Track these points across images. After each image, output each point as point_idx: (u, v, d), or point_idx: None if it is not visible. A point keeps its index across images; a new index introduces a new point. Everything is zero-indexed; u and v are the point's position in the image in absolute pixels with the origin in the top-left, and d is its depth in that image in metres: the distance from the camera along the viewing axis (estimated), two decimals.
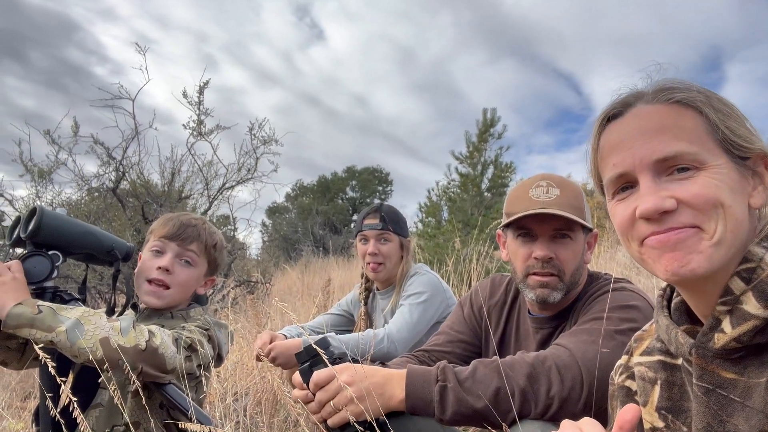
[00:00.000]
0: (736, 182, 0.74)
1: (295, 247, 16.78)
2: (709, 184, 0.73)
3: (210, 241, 1.74)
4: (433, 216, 7.87)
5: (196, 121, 6.82)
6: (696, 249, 0.72)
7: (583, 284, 1.53)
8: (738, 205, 0.73)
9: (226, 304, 6.02)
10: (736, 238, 0.72)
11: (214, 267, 1.77)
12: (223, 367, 3.09)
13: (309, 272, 9.45)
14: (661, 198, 0.73)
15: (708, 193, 0.72)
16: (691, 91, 0.78)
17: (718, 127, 0.75)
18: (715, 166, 0.74)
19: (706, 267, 0.71)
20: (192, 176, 7.39)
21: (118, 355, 1.29)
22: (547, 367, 1.18)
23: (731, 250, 0.72)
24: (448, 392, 1.17)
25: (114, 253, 1.58)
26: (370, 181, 23.01)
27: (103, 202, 6.69)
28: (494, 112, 7.45)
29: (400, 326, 2.24)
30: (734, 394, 0.71)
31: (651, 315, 1.31)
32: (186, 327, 1.57)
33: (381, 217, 2.46)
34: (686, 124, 0.76)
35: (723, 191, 0.72)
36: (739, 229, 0.73)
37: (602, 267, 5.98)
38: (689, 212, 0.73)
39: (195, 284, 1.72)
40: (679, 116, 0.77)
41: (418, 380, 1.20)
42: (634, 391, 0.94)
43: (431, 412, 1.17)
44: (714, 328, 0.73)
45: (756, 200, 0.76)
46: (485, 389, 1.16)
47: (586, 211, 1.47)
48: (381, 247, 2.45)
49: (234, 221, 7.87)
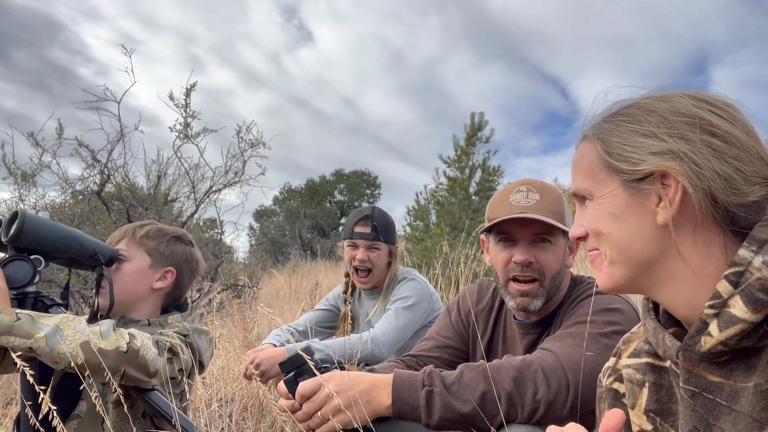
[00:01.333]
0: (622, 208, 0.80)
1: (282, 251, 16.71)
2: (592, 215, 0.84)
3: (138, 232, 1.68)
4: (421, 219, 7.88)
5: (182, 123, 6.77)
6: (600, 268, 0.85)
7: (566, 289, 1.53)
8: (620, 231, 0.81)
9: (212, 309, 5.97)
10: (630, 258, 0.80)
11: (159, 256, 1.68)
12: (209, 373, 3.06)
13: (296, 276, 9.41)
14: (576, 227, 0.89)
15: (590, 224, 0.85)
16: (594, 122, 0.87)
17: (602, 157, 0.82)
18: (600, 196, 0.83)
19: (609, 284, 0.84)
20: (178, 179, 7.33)
21: (98, 358, 1.27)
22: (533, 371, 1.18)
23: (631, 268, 0.81)
24: (435, 397, 1.16)
25: (97, 257, 1.55)
26: (358, 184, 23.00)
27: (87, 205, 6.61)
28: (482, 116, 7.50)
29: (386, 330, 2.24)
30: (721, 397, 0.72)
31: (634, 317, 1.32)
32: (163, 333, 1.54)
33: (373, 226, 2.44)
34: (585, 160, 0.86)
35: (601, 221, 0.83)
36: (629, 250, 0.80)
37: (584, 272, 6.01)
38: (590, 238, 0.86)
39: (140, 278, 1.64)
40: (583, 153, 0.87)
41: (405, 385, 1.19)
42: (621, 393, 0.94)
43: (418, 418, 1.17)
44: (701, 331, 0.73)
45: (659, 217, 0.77)
46: (472, 393, 1.16)
47: (566, 215, 1.47)
48: (370, 254, 2.44)
49: (221, 225, 7.82)
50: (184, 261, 1.74)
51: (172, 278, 1.70)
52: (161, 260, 1.69)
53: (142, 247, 1.67)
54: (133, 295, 1.63)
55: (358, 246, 2.44)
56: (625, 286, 0.84)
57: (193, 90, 6.73)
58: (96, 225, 6.39)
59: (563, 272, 1.49)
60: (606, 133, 0.83)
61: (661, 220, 0.77)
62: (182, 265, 1.73)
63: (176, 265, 1.71)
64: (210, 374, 3.06)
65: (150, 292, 1.67)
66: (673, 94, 0.81)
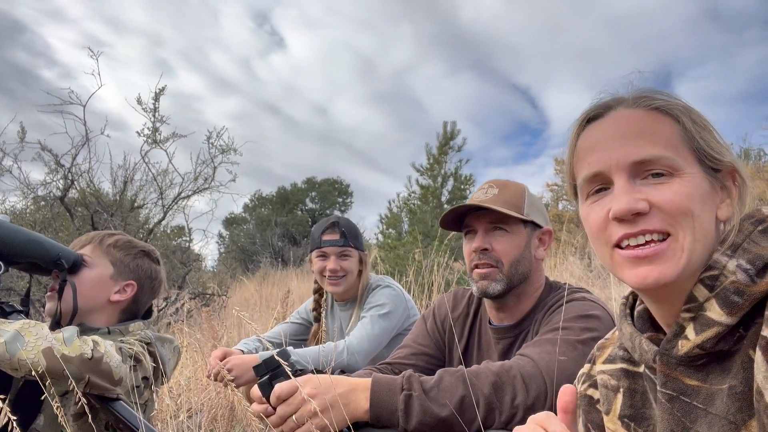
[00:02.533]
0: (707, 192, 0.76)
1: (252, 259, 16.48)
2: (681, 191, 0.74)
3: (107, 241, 1.62)
4: (393, 227, 7.89)
5: (150, 128, 6.63)
6: (668, 260, 0.73)
7: (540, 291, 1.55)
8: (706, 216, 0.75)
9: (181, 317, 5.83)
10: (703, 248, 0.74)
11: (123, 268, 1.63)
12: (176, 383, 2.98)
13: (267, 284, 9.29)
14: (635, 199, 0.74)
15: (680, 200, 0.74)
16: (671, 100, 0.80)
17: (693, 137, 0.77)
18: (689, 174, 0.75)
19: (671, 276, 0.73)
20: (146, 185, 7.18)
21: (62, 365, 1.21)
22: (512, 377, 1.18)
23: (698, 259, 0.73)
24: (414, 401, 1.16)
25: (60, 262, 1.49)
26: (330, 192, 22.89)
27: (50, 211, 6.40)
28: (454, 125, 7.56)
29: (361, 338, 2.21)
30: (697, 400, 0.72)
31: (610, 324, 1.33)
32: (124, 341, 1.49)
33: (341, 232, 2.40)
34: (664, 131, 0.77)
35: (694, 200, 0.74)
36: (707, 239, 0.74)
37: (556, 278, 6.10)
38: (660, 216, 0.74)
39: (99, 287, 1.58)
40: (657, 122, 0.78)
41: (383, 389, 1.18)
42: (596, 399, 0.95)
43: (396, 422, 1.16)
44: (678, 335, 0.74)
45: (723, 213, 0.78)
46: (450, 398, 1.15)
47: (526, 206, 1.51)
48: (342, 263, 2.40)
49: (189, 232, 7.67)
50: (147, 277, 1.69)
51: (131, 292, 1.63)
52: (124, 272, 1.63)
53: (107, 256, 1.61)
54: (89, 304, 1.56)
55: (329, 255, 2.40)
56: (680, 281, 0.74)
57: (162, 94, 6.62)
58: (58, 232, 6.19)
59: (527, 262, 1.52)
60: (687, 113, 0.79)
61: (725, 215, 0.77)
62: (144, 282, 1.68)
63: (138, 280, 1.66)
64: (177, 384, 2.98)
65: (106, 303, 1.60)
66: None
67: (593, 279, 5.46)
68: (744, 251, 0.71)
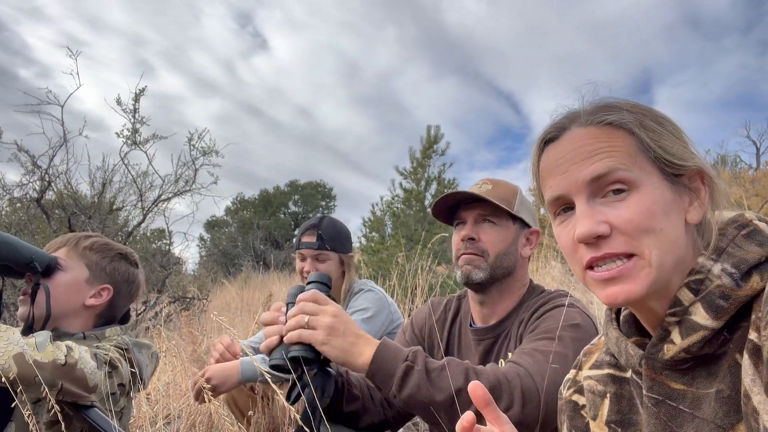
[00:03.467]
0: (669, 202, 0.75)
1: (234, 262, 16.34)
2: (641, 208, 0.73)
3: (83, 243, 1.58)
4: (377, 231, 7.87)
5: (130, 129, 6.54)
6: (635, 278, 0.72)
7: (523, 290, 1.56)
8: (671, 226, 0.73)
9: (159, 321, 5.74)
10: (674, 259, 0.73)
11: (99, 271, 1.59)
12: (154, 389, 2.92)
13: (249, 288, 9.20)
14: (596, 223, 0.73)
15: (639, 219, 0.72)
16: (622, 112, 0.79)
17: (650, 146, 0.76)
18: (648, 185, 0.74)
19: (639, 293, 0.72)
20: (125, 187, 7.09)
21: (34, 371, 1.17)
22: (512, 387, 1.18)
23: (669, 270, 0.73)
24: (413, 374, 1.18)
25: (33, 265, 1.45)
26: (313, 195, 22.82)
27: (26, 213, 6.27)
28: (438, 129, 7.58)
29: None
30: (684, 405, 0.72)
31: (594, 333, 1.33)
32: (100, 346, 1.45)
33: (318, 235, 2.38)
34: (618, 145, 0.76)
35: (655, 215, 0.73)
36: (676, 249, 0.73)
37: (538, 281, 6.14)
38: (622, 239, 0.73)
39: (74, 291, 1.54)
40: (610, 137, 0.77)
41: (389, 353, 1.21)
42: (581, 405, 0.94)
43: (389, 387, 1.19)
44: (663, 339, 0.73)
45: (692, 216, 0.77)
46: (448, 386, 1.16)
47: (516, 204, 1.54)
48: (319, 265, 2.38)
49: (170, 235, 7.58)
50: (124, 281, 1.64)
51: (107, 297, 1.59)
52: (100, 276, 1.58)
53: (83, 259, 1.57)
54: (63, 309, 1.51)
55: (306, 257, 2.39)
56: (651, 293, 0.73)
57: (142, 95, 6.54)
58: (35, 234, 6.06)
59: (512, 257, 1.53)
60: (639, 123, 0.78)
61: (695, 218, 0.76)
62: (121, 285, 1.63)
63: (114, 284, 1.61)
64: (155, 390, 2.92)
65: (81, 308, 1.55)
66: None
67: (575, 283, 5.51)
68: (728, 255, 0.72)
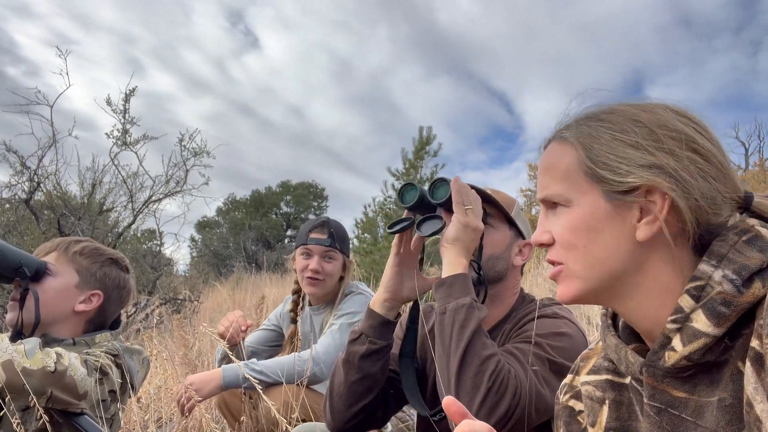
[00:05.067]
0: (601, 220, 0.76)
1: (226, 263, 16.26)
2: (567, 225, 0.78)
3: (73, 248, 1.56)
4: (369, 232, 7.86)
5: (120, 129, 6.49)
6: (565, 284, 0.81)
7: (514, 299, 1.54)
8: (597, 245, 0.77)
9: (150, 324, 5.70)
10: (602, 273, 0.77)
11: (89, 276, 1.56)
12: (145, 393, 2.89)
13: (240, 289, 9.15)
14: (541, 232, 0.82)
15: (565, 234, 0.79)
16: (576, 126, 0.82)
17: (585, 164, 0.78)
18: (579, 204, 0.78)
19: (569, 296, 0.80)
20: (115, 188, 7.03)
21: (22, 379, 1.15)
22: (507, 379, 1.16)
23: (600, 282, 0.78)
24: (465, 310, 1.21)
25: (22, 270, 1.42)
26: (305, 196, 22.76)
27: (14, 214, 6.20)
28: (430, 130, 7.61)
29: (327, 347, 2.14)
30: (686, 413, 0.71)
31: (582, 342, 1.32)
32: (90, 352, 1.42)
33: (330, 233, 2.32)
34: (561, 164, 0.81)
35: (578, 232, 0.77)
36: (603, 266, 0.77)
37: (530, 283, 6.17)
38: (556, 248, 0.81)
39: (63, 297, 1.51)
40: (559, 155, 0.82)
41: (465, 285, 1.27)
42: (577, 411, 0.93)
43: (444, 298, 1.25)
44: (664, 346, 0.72)
45: (640, 233, 0.75)
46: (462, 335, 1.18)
47: (513, 211, 1.52)
48: (325, 265, 2.32)
49: (160, 236, 7.53)
50: (115, 287, 1.62)
51: (97, 303, 1.56)
52: (90, 281, 1.56)
53: (73, 264, 1.54)
54: (52, 315, 1.49)
55: (313, 253, 2.31)
56: (586, 299, 0.81)
57: (132, 95, 6.49)
58: (23, 235, 6.00)
59: (504, 263, 1.50)
60: (588, 138, 0.79)
61: (642, 235, 0.75)
62: (111, 291, 1.61)
63: (105, 290, 1.59)
64: (146, 394, 2.89)
65: (71, 313, 1.53)
66: (655, 105, 0.80)
67: None
68: (729, 261, 0.71)
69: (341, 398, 1.42)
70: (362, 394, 1.41)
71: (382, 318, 1.45)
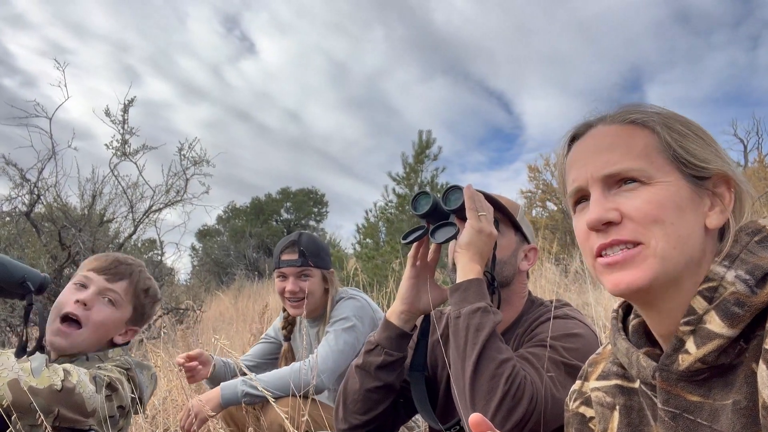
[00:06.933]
0: (686, 200, 0.75)
1: (227, 271, 16.22)
2: (651, 199, 0.75)
3: (142, 284, 1.58)
4: (371, 237, 7.85)
5: (119, 140, 6.49)
6: (638, 266, 0.74)
7: (523, 302, 1.53)
8: (683, 222, 0.74)
9: (154, 334, 5.68)
10: (682, 255, 0.73)
11: (139, 316, 1.60)
12: (150, 404, 2.88)
13: (243, 297, 9.14)
14: (606, 209, 0.76)
15: (649, 208, 0.74)
16: (646, 113, 0.81)
17: (670, 146, 0.78)
18: (664, 182, 0.76)
19: (643, 281, 0.73)
20: (115, 198, 7.02)
21: (29, 398, 1.14)
22: (536, 388, 1.15)
23: (677, 266, 0.73)
24: (480, 314, 1.21)
25: (26, 284, 1.42)
26: (305, 202, 22.73)
27: (15, 227, 6.19)
28: (429, 133, 7.60)
29: (325, 356, 2.12)
30: (701, 417, 0.70)
31: (595, 343, 1.32)
32: (102, 367, 1.42)
33: (300, 251, 2.28)
34: (637, 143, 0.79)
35: (666, 208, 0.74)
36: (685, 246, 0.73)
37: (531, 285, 6.15)
38: (631, 226, 0.75)
39: (113, 329, 1.54)
40: (631, 135, 0.80)
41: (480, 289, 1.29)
42: (588, 417, 0.92)
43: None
44: (678, 349, 0.72)
45: (712, 221, 0.76)
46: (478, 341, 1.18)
47: (519, 216, 1.52)
48: (302, 284, 2.29)
49: (161, 245, 7.52)
50: (147, 321, 1.67)
51: (131, 336, 1.61)
52: (138, 320, 1.61)
53: (134, 301, 1.57)
54: (98, 342, 1.52)
55: (287, 276, 2.29)
56: (656, 286, 0.74)
57: (131, 105, 6.49)
58: (24, 248, 5.99)
59: (511, 267, 1.50)
60: (665, 124, 0.80)
61: (715, 223, 0.76)
62: (143, 325, 1.67)
63: (141, 326, 1.64)
64: (152, 406, 2.88)
65: (107, 343, 1.55)
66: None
67: (569, 284, 5.51)
68: (742, 262, 0.70)
69: (357, 405, 1.41)
70: (378, 401, 1.41)
71: (399, 330, 1.44)
